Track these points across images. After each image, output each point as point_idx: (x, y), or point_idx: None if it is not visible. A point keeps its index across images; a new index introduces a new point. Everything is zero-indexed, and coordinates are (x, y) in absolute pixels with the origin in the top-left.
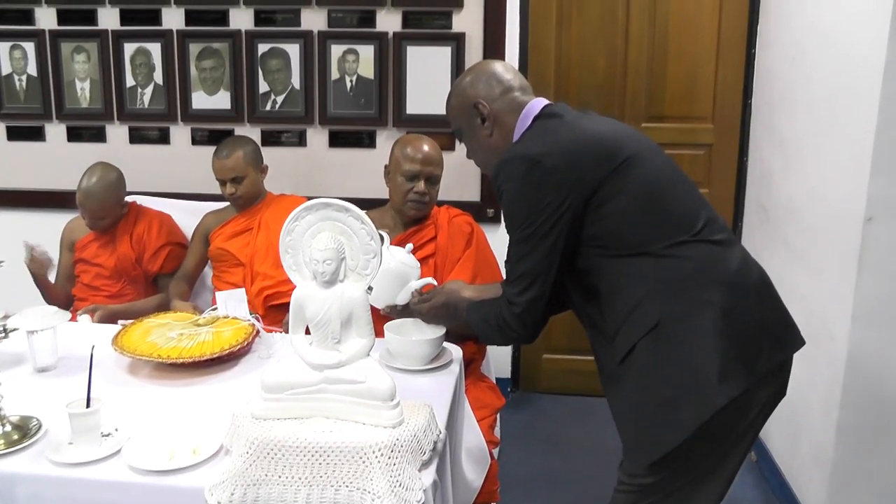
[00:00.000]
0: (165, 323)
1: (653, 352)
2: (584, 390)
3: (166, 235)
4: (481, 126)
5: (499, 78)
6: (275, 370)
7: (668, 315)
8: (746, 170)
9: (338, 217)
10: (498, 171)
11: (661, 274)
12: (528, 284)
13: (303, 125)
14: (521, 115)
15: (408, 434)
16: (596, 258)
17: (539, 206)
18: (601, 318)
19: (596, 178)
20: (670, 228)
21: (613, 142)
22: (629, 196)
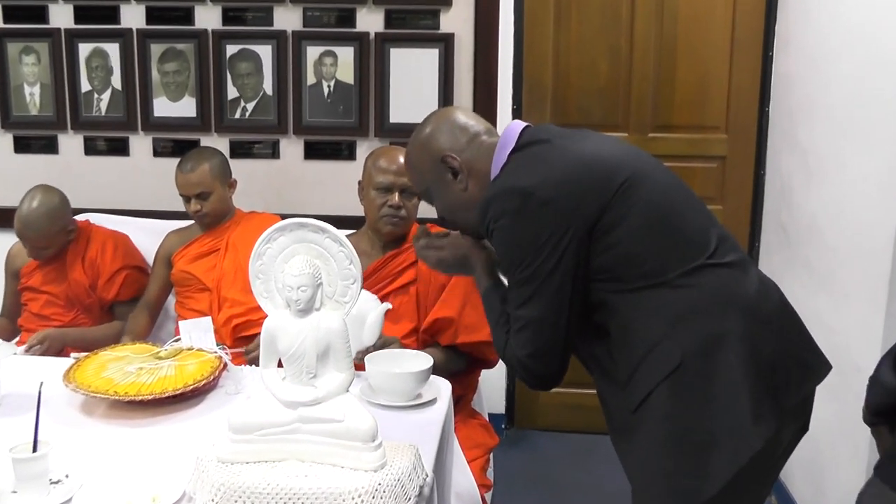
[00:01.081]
0: (123, 356)
1: (675, 396)
2: (586, 427)
3: (122, 258)
4: (453, 181)
5: (461, 125)
6: (243, 408)
7: (690, 353)
8: (764, 184)
9: (314, 239)
10: (486, 210)
11: (679, 307)
12: (535, 333)
13: (275, 135)
14: (496, 152)
15: (391, 478)
16: (603, 293)
17: (537, 244)
18: (611, 361)
19: (597, 205)
20: (684, 252)
21: (610, 162)
22: (636, 220)
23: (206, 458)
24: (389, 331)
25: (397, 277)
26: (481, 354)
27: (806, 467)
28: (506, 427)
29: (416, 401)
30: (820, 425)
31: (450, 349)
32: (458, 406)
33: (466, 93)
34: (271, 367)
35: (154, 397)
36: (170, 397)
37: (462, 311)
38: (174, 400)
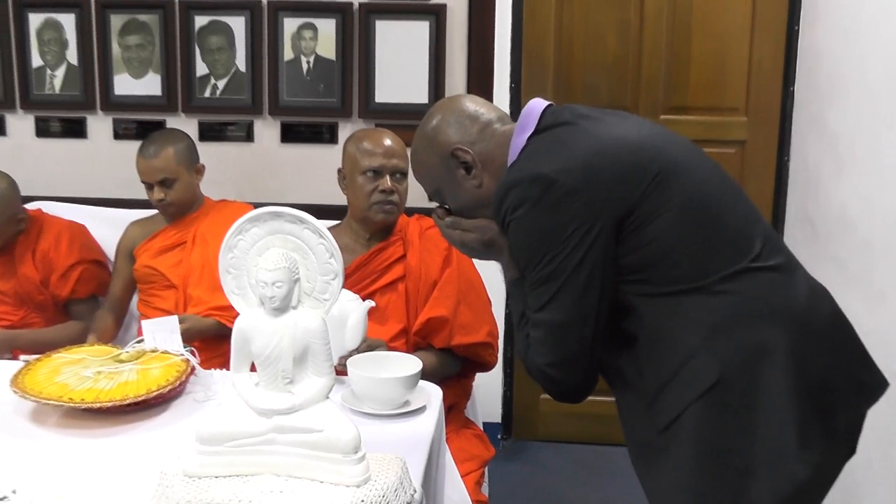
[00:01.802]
0: (79, 359)
1: (712, 416)
2: (591, 438)
3: (78, 251)
4: (466, 177)
5: (470, 113)
6: (213, 417)
7: (730, 368)
8: (788, 173)
9: (291, 230)
10: (502, 199)
11: (718, 316)
12: (558, 340)
13: (249, 116)
14: (513, 136)
15: (375, 494)
16: (632, 297)
17: (561, 237)
18: (637, 373)
19: (628, 196)
20: (726, 254)
21: (644, 148)
22: (672, 215)
23: (170, 472)
24: (375, 333)
25: (384, 274)
26: (478, 357)
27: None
28: (503, 438)
29: (403, 409)
30: None
31: (444, 352)
32: (451, 414)
33: (460, 70)
34: (244, 371)
35: (114, 405)
36: (131, 405)
37: (457, 309)
38: (136, 407)
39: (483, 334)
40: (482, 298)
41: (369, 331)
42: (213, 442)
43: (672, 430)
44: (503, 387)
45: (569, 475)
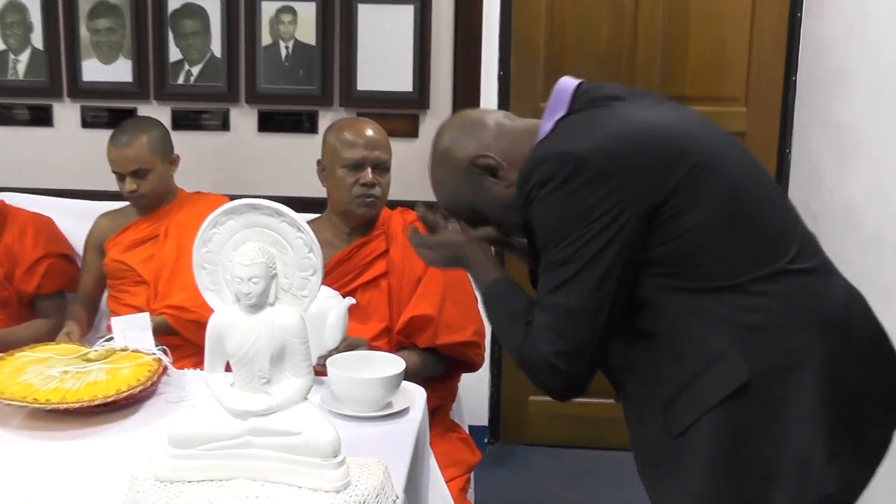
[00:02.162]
0: (45, 357)
1: (736, 421)
2: (582, 442)
3: (44, 245)
4: (494, 182)
5: (474, 121)
6: (186, 419)
7: (759, 372)
8: (789, 165)
9: (268, 223)
10: (528, 174)
11: (750, 317)
12: (569, 325)
13: (225, 104)
14: (544, 117)
15: (355, 500)
16: (655, 291)
17: (586, 220)
18: (652, 373)
19: (663, 185)
20: (763, 254)
21: (682, 137)
22: (708, 209)
23: (141, 476)
24: (357, 332)
25: (366, 270)
26: (464, 357)
27: None
28: (489, 441)
29: (385, 410)
30: None
31: (428, 352)
32: (435, 417)
33: (446, 57)
34: (218, 370)
35: (81, 406)
36: (100, 406)
37: (442, 307)
38: (105, 409)
39: (469, 333)
40: (468, 295)
41: (350, 329)
42: (185, 445)
43: (690, 434)
44: (490, 388)
45: (558, 480)
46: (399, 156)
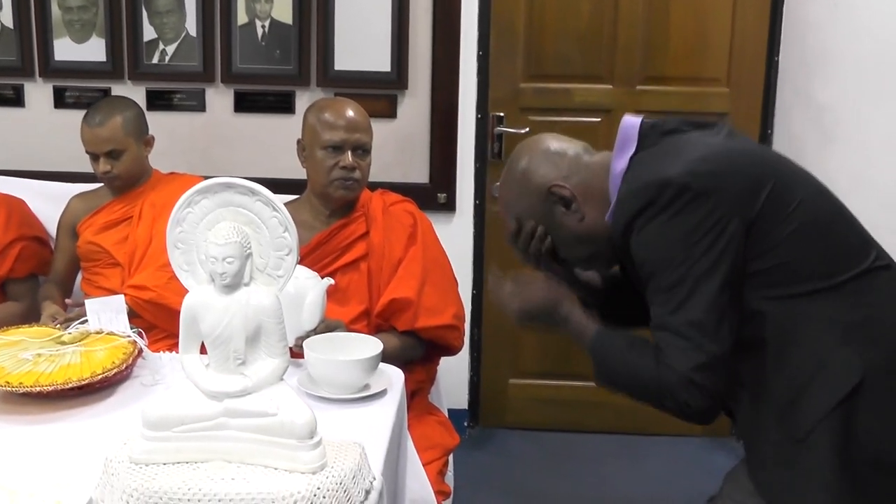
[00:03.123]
0: (17, 340)
1: (858, 418)
2: (562, 425)
3: (17, 227)
4: (567, 213)
5: (556, 150)
6: (160, 401)
7: (874, 367)
8: (771, 146)
9: (242, 202)
10: (624, 205)
11: (854, 315)
12: (702, 337)
13: (200, 84)
14: (614, 157)
15: (332, 481)
16: (757, 301)
17: (693, 239)
18: (763, 383)
19: (755, 201)
20: (852, 256)
21: (759, 158)
22: (796, 220)
23: (116, 458)
24: (335, 314)
25: (345, 252)
26: (444, 341)
27: None
28: (468, 425)
29: (362, 393)
30: None
31: (407, 335)
32: (413, 400)
33: (424, 36)
34: (193, 352)
35: (55, 389)
36: (74, 388)
37: (421, 290)
38: (80, 392)
39: (449, 316)
40: (448, 278)
41: (329, 312)
42: (160, 427)
43: (811, 440)
44: (470, 372)
45: (537, 464)
46: (377, 137)
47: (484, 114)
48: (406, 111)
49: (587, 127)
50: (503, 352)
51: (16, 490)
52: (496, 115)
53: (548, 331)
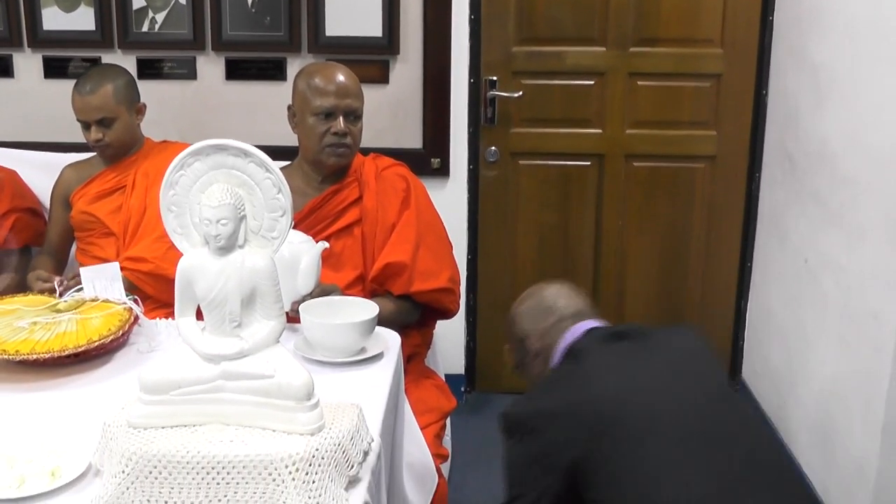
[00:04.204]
0: (13, 309)
1: None
2: None
3: (10, 199)
4: (533, 360)
5: (549, 305)
6: (157, 364)
7: None
8: (766, 107)
9: (235, 164)
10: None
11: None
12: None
13: (191, 52)
14: (553, 353)
15: (330, 442)
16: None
17: (523, 470)
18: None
19: (580, 444)
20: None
21: (614, 402)
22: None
23: (114, 423)
24: (330, 279)
25: (339, 217)
26: (439, 304)
27: (812, 429)
28: (465, 389)
29: (359, 356)
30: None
31: (403, 299)
32: (410, 364)
33: (415, 1)
34: (189, 315)
35: (52, 356)
36: (71, 356)
37: (416, 254)
38: (76, 359)
39: (444, 280)
40: (443, 242)
41: (324, 277)
42: (157, 390)
43: None
44: (466, 337)
45: None
46: (369, 103)
47: (476, 78)
48: (398, 76)
49: (580, 90)
50: (499, 317)
51: (14, 457)
52: (489, 80)
53: None
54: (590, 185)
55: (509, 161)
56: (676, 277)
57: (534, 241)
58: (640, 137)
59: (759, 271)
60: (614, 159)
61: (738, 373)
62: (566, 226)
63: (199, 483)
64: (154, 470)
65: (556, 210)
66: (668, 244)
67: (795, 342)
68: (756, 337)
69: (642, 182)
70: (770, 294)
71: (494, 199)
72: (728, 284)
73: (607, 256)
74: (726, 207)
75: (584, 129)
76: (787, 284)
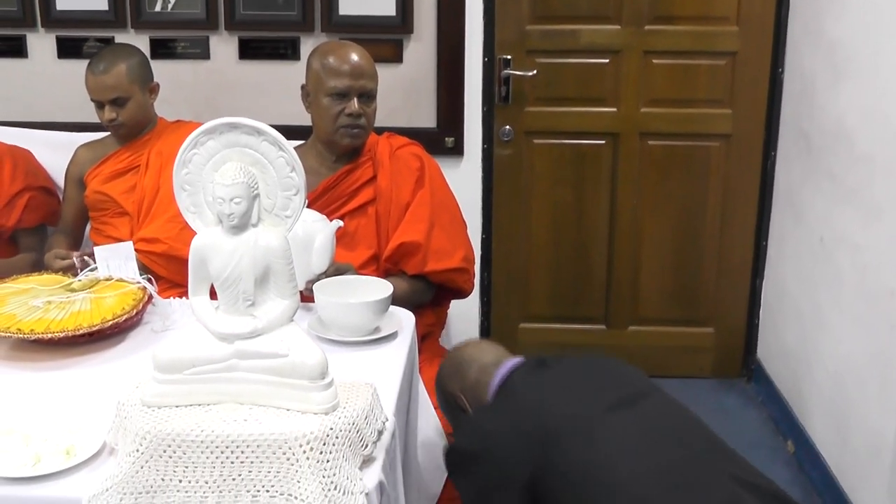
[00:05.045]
0: (28, 288)
1: None
2: None
3: (24, 178)
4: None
5: (467, 359)
6: (171, 343)
7: None
8: (782, 85)
9: (248, 142)
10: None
11: None
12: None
13: (204, 31)
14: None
15: (344, 422)
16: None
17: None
18: None
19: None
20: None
21: (556, 412)
22: (567, 480)
23: (128, 402)
24: (344, 259)
25: (353, 197)
26: (453, 284)
27: (828, 408)
28: None
29: (373, 335)
30: (844, 359)
31: (417, 279)
32: (424, 343)
33: None
34: (202, 294)
35: (66, 335)
36: (85, 335)
37: (430, 234)
38: (90, 338)
39: (458, 259)
40: (457, 221)
41: (338, 256)
42: (171, 369)
43: None
44: (480, 316)
45: None
46: (383, 82)
47: (491, 57)
48: (412, 56)
49: (595, 68)
50: (513, 296)
51: (30, 435)
52: (503, 58)
53: None
54: (604, 164)
55: (523, 140)
56: (691, 256)
57: (548, 220)
58: (655, 116)
59: (775, 250)
60: (629, 138)
61: (753, 352)
62: (580, 205)
63: (214, 462)
64: (168, 449)
65: (570, 189)
66: (683, 223)
67: (811, 321)
68: (771, 316)
69: (657, 161)
70: (785, 273)
71: (509, 178)
72: (743, 263)
73: (622, 236)
74: (741, 186)
75: (598, 107)
76: (802, 263)
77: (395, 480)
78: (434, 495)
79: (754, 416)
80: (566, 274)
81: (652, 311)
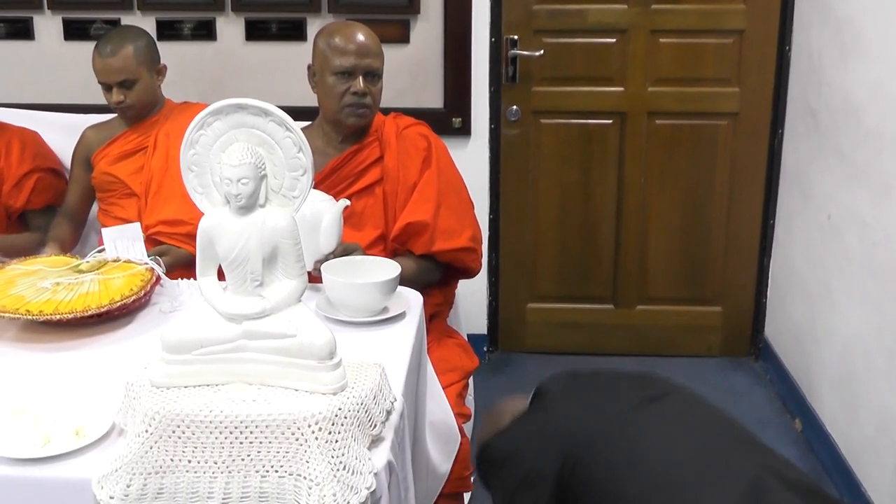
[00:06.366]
0: (35, 270)
1: None
2: (579, 348)
3: (32, 159)
4: None
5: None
6: (179, 324)
7: None
8: (789, 62)
9: (255, 123)
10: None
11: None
12: None
13: (210, 13)
14: None
15: (353, 402)
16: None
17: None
18: None
19: (550, 473)
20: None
21: (573, 433)
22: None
23: (137, 383)
24: (351, 239)
25: (360, 177)
26: (461, 263)
27: (835, 385)
28: (488, 349)
29: (381, 315)
30: (852, 337)
31: (425, 259)
32: (433, 323)
33: None
34: (210, 275)
35: (75, 316)
36: (93, 316)
37: (437, 213)
38: (99, 319)
39: (465, 239)
40: (464, 201)
41: (345, 237)
42: (180, 350)
43: None
44: (488, 297)
45: None
46: (390, 62)
47: (497, 37)
48: (419, 36)
49: (602, 48)
50: (521, 276)
51: (39, 416)
52: (510, 39)
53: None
54: (612, 144)
55: (531, 120)
56: (699, 235)
57: (556, 199)
58: (663, 95)
59: (782, 228)
60: (636, 117)
61: (761, 331)
62: (588, 184)
63: (223, 442)
64: (177, 429)
65: (577, 168)
66: (691, 202)
67: (818, 299)
68: (779, 294)
69: (664, 140)
70: (793, 251)
71: (516, 158)
72: (751, 241)
73: (629, 215)
74: (749, 164)
75: (605, 87)
76: (810, 241)
77: (403, 460)
78: (443, 475)
79: (762, 395)
80: (574, 254)
81: (660, 291)
